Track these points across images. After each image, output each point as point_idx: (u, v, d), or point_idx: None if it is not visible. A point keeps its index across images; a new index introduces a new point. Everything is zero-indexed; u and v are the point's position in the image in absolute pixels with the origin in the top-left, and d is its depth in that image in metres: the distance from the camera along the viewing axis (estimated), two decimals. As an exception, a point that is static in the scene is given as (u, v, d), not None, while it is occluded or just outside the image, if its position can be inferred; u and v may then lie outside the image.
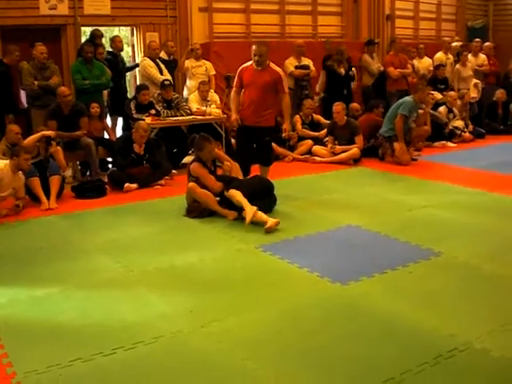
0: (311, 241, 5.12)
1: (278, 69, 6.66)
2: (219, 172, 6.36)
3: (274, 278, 4.28)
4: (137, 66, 9.59)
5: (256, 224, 5.47)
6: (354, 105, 9.85)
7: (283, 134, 6.75)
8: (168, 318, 3.59)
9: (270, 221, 5.37)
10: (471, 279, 4.18)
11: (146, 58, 9.04)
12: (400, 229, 5.34)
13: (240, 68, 6.77)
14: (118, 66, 9.02)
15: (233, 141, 9.06)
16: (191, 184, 6.00)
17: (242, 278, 4.31)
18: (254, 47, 6.55)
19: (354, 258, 4.67)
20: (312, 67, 10.08)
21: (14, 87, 8.17)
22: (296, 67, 9.96)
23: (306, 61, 10.10)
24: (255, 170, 6.78)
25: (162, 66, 9.04)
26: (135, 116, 8.11)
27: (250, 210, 5.46)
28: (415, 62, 11.49)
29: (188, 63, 9.30)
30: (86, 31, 9.96)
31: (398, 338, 3.30)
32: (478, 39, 12.30)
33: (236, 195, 5.71)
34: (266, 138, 6.70)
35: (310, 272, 4.31)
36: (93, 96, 8.23)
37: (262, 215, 5.47)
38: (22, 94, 8.55)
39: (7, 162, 6.16)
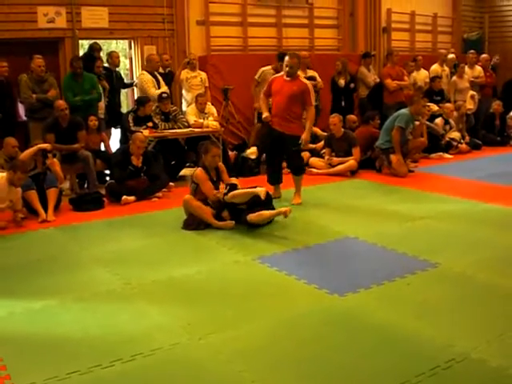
0: (309, 252, 5.14)
1: (306, 81, 6.88)
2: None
3: (272, 290, 4.29)
4: (132, 84, 9.63)
5: (254, 235, 5.49)
6: (351, 116, 9.88)
7: (300, 143, 6.80)
8: (166, 330, 3.59)
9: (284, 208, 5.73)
10: (468, 289, 4.20)
11: (143, 73, 9.07)
12: (397, 240, 5.35)
13: (271, 77, 7.18)
14: (113, 82, 9.05)
15: (230, 153, 9.12)
16: (187, 197, 6.04)
17: (240, 289, 4.32)
18: (286, 58, 6.76)
19: (351, 269, 4.68)
20: (318, 79, 10.12)
21: (9, 100, 8.17)
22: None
23: (311, 72, 10.14)
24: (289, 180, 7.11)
25: (160, 78, 9.07)
26: (133, 129, 8.13)
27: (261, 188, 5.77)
28: (414, 74, 11.54)
29: (184, 74, 9.34)
30: (84, 44, 10.00)
31: (396, 348, 3.30)
32: (472, 51, 12.37)
33: (236, 192, 5.85)
34: (294, 148, 6.78)
35: (308, 284, 4.32)
36: (86, 111, 8.24)
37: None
38: (20, 107, 8.58)
39: (3, 175, 6.19)
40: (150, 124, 8.26)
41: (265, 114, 6.91)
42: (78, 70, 8.30)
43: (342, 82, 10.41)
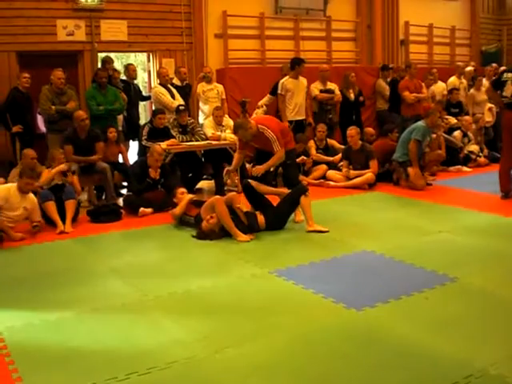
0: (326, 266, 5.10)
1: (268, 133, 6.41)
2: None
3: (289, 304, 4.26)
4: (150, 97, 9.68)
5: (270, 248, 5.49)
6: (369, 129, 9.88)
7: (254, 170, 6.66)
8: (182, 344, 3.58)
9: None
10: (486, 305, 4.14)
11: (157, 86, 9.14)
12: (415, 254, 5.30)
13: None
14: (130, 95, 9.11)
15: (248, 166, 9.12)
16: (218, 197, 6.17)
17: (257, 303, 4.29)
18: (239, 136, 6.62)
19: (369, 283, 4.64)
20: (337, 92, 10.13)
21: (29, 112, 8.25)
22: (321, 91, 10.02)
23: (331, 85, 10.16)
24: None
25: (175, 91, 9.10)
26: (144, 143, 8.13)
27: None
28: (433, 87, 11.51)
29: (200, 87, 9.39)
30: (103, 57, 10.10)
31: (413, 364, 3.26)
32: (494, 64, 12.28)
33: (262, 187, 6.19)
34: (288, 162, 6.68)
35: (325, 298, 4.29)
36: (107, 121, 8.31)
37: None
38: (40, 119, 8.66)
39: (14, 184, 6.32)
40: (171, 142, 8.21)
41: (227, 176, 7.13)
42: (104, 80, 8.38)
43: (351, 95, 10.41)
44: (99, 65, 9.44)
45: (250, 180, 6.41)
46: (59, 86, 8.07)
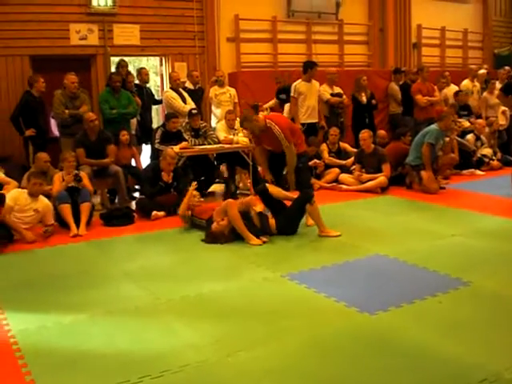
0: (339, 270, 5.09)
1: (275, 128, 6.50)
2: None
3: (301, 308, 4.25)
4: (162, 101, 9.71)
5: (282, 252, 5.49)
6: (381, 132, 9.86)
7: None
8: (194, 347, 3.58)
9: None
10: (500, 308, 4.11)
11: (168, 90, 9.16)
12: (428, 258, 5.28)
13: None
14: (143, 99, 9.14)
15: (260, 169, 9.12)
16: (231, 201, 6.15)
17: (269, 306, 4.28)
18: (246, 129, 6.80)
19: (381, 287, 4.62)
20: (344, 96, 10.13)
21: (42, 116, 8.30)
22: (331, 95, 10.01)
23: (337, 89, 10.15)
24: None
25: (186, 95, 9.12)
26: (157, 146, 8.17)
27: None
28: (445, 90, 11.47)
29: (212, 91, 9.42)
30: (116, 61, 10.15)
31: (427, 368, 3.24)
32: (507, 67, 12.22)
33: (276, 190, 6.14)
34: (299, 165, 6.71)
35: (338, 301, 4.27)
36: (120, 125, 8.34)
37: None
38: (53, 123, 8.71)
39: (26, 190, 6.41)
40: (183, 145, 8.24)
41: (267, 177, 6.87)
42: (118, 84, 8.42)
43: (363, 98, 10.39)
44: (112, 69, 9.49)
45: (266, 184, 6.39)
46: (72, 90, 8.11)
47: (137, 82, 9.29)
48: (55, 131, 8.68)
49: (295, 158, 6.61)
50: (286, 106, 9.68)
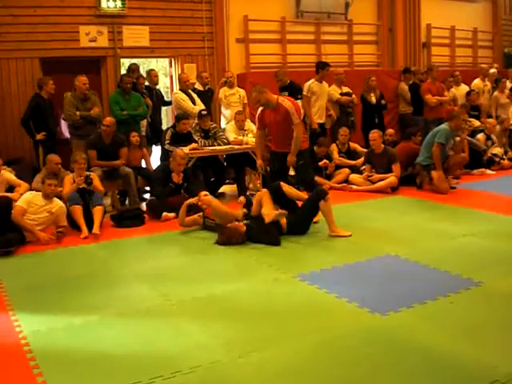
0: (350, 270, 5.07)
1: (286, 103, 6.57)
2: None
3: (313, 308, 4.25)
4: (171, 102, 9.72)
5: (293, 252, 5.50)
6: (389, 130, 9.86)
7: (288, 163, 6.77)
8: (206, 348, 3.58)
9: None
10: (512, 309, 4.10)
11: (177, 92, 9.17)
12: (440, 258, 5.25)
13: (258, 112, 6.88)
14: (153, 100, 9.16)
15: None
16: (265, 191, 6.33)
17: (281, 307, 4.28)
18: (251, 99, 6.88)
19: (393, 287, 4.60)
20: (353, 95, 10.12)
21: (52, 118, 8.33)
22: (341, 94, 10.00)
23: (346, 88, 10.14)
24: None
25: (195, 96, 9.12)
26: (167, 147, 8.19)
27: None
28: (453, 90, 11.43)
29: (222, 92, 9.43)
30: (125, 63, 10.17)
31: (438, 369, 3.22)
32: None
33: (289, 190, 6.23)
34: (300, 162, 6.72)
35: (349, 302, 4.26)
36: (130, 126, 8.36)
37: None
38: (63, 124, 8.75)
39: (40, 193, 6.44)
40: (193, 146, 8.26)
41: (258, 162, 7.06)
42: (128, 85, 8.44)
43: (373, 99, 10.36)
44: (122, 70, 9.51)
45: (281, 183, 6.37)
46: (83, 91, 8.14)
47: (146, 83, 9.31)
48: (66, 133, 8.72)
49: (300, 139, 6.65)
50: None
